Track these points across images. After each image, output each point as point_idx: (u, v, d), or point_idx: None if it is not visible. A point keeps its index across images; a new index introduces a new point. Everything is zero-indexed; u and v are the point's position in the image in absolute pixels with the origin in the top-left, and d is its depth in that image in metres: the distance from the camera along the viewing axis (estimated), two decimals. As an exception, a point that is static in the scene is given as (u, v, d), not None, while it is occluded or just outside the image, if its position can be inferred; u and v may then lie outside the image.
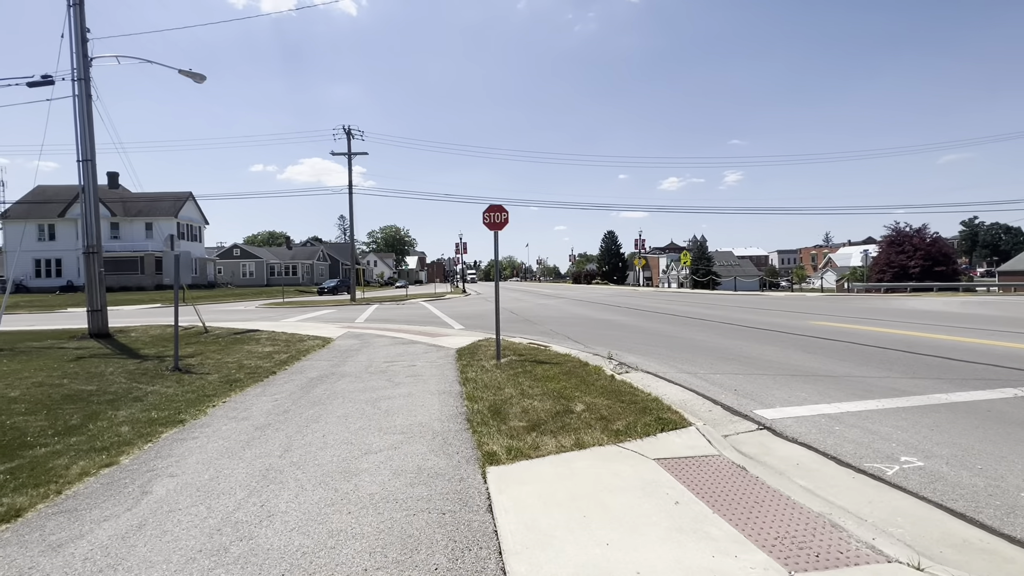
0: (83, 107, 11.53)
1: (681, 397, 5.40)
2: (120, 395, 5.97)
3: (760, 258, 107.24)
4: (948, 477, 3.25)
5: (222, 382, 6.64)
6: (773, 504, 2.90)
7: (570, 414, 4.63)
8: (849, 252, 79.38)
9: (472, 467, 3.50)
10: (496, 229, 7.71)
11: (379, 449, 3.89)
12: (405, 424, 4.54)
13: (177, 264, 7.83)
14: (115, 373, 7.34)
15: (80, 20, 11.62)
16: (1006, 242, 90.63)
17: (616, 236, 78.50)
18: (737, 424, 4.53)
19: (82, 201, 11.60)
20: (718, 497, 2.99)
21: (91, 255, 11.50)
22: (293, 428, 4.52)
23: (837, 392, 5.46)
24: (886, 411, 4.72)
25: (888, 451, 3.72)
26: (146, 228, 44.45)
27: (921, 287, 32.55)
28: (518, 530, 2.65)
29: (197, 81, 13.76)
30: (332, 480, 3.32)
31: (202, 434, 4.44)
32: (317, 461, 3.68)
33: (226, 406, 5.46)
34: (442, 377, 6.61)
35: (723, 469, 3.42)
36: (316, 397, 5.71)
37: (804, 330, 10.87)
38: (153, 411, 5.22)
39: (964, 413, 4.57)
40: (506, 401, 5.14)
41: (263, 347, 9.77)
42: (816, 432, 4.21)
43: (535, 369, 6.73)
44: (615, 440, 3.96)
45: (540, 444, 3.87)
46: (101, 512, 2.96)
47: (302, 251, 73.18)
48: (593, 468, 3.44)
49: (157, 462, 3.78)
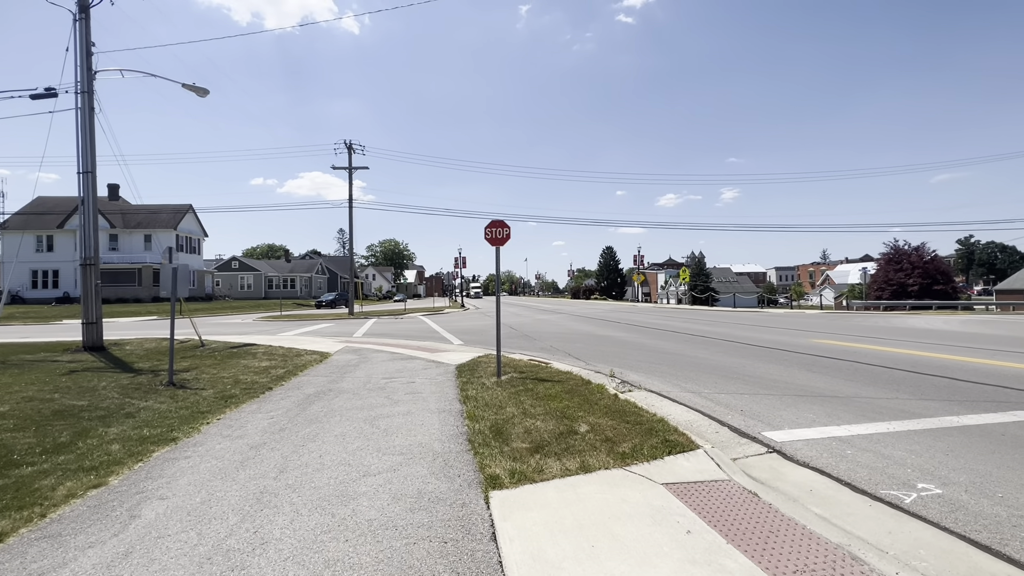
0: (85, 120, 11.55)
1: (687, 418, 5.28)
2: (112, 411, 5.83)
3: (758, 275, 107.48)
4: (969, 506, 3.13)
5: (217, 398, 6.50)
6: (789, 534, 2.78)
7: (574, 435, 4.51)
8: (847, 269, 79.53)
9: (474, 491, 3.37)
10: (498, 245, 7.65)
11: (378, 471, 3.76)
12: (404, 444, 4.41)
13: (175, 277, 7.73)
14: (108, 388, 7.20)
15: (85, 34, 11.70)
16: (1002, 260, 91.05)
17: (615, 252, 78.74)
18: (746, 447, 4.41)
19: (81, 213, 11.54)
20: (731, 526, 2.87)
21: (88, 267, 11.41)
22: (289, 448, 4.39)
23: (846, 414, 5.35)
24: (898, 434, 4.61)
25: (904, 477, 3.61)
26: (145, 240, 44.38)
27: (920, 305, 32.54)
28: (524, 561, 2.52)
29: (200, 95, 13.83)
30: (329, 504, 3.19)
31: (195, 453, 4.30)
32: (313, 483, 3.55)
33: (220, 423, 5.32)
34: (442, 395, 6.48)
35: (734, 495, 3.30)
36: (313, 415, 5.57)
37: (807, 348, 10.77)
38: (145, 428, 5.08)
39: (978, 437, 4.46)
40: (508, 421, 5.02)
41: (260, 362, 9.63)
42: (828, 456, 4.09)
43: (536, 387, 6.61)
44: (621, 463, 3.84)
45: (544, 467, 3.75)
46: (87, 538, 2.82)
47: (301, 264, 73.08)
48: (600, 493, 3.32)
49: (147, 483, 3.64)
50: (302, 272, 68.00)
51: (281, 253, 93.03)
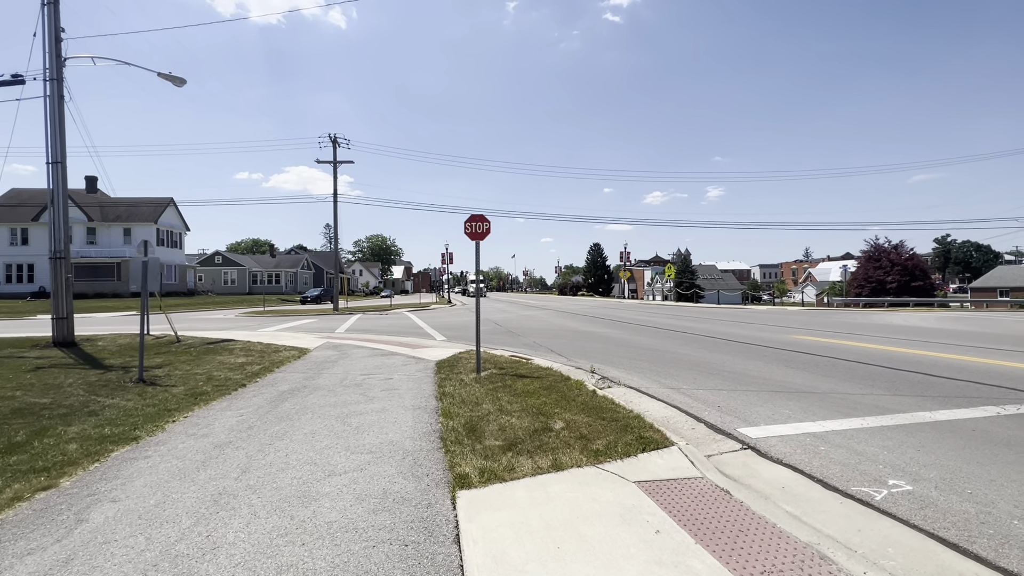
0: (54, 108, 11.16)
1: (664, 414, 5.24)
2: (75, 409, 5.63)
3: (742, 272, 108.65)
4: (938, 503, 3.12)
5: (187, 395, 6.32)
6: (758, 533, 2.73)
7: (549, 432, 4.44)
8: (828, 267, 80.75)
9: (442, 491, 3.28)
10: (478, 239, 7.54)
11: (344, 471, 3.65)
12: (375, 443, 4.30)
13: (145, 271, 7.50)
14: (74, 385, 6.96)
15: (55, 19, 11.29)
16: (977, 259, 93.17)
17: (602, 248, 79.01)
18: (721, 443, 4.37)
19: (50, 204, 11.17)
20: (701, 525, 2.82)
21: (58, 260, 11.06)
22: (255, 447, 4.25)
23: (821, 409, 5.35)
24: (871, 430, 4.61)
25: (876, 473, 3.60)
26: (124, 234, 43.37)
27: (898, 302, 33.12)
28: (486, 564, 2.44)
29: (177, 85, 13.46)
30: (289, 506, 3.07)
31: (155, 453, 4.14)
32: (276, 484, 3.42)
33: (187, 421, 5.15)
34: (419, 391, 6.37)
35: (706, 493, 3.25)
36: (284, 412, 5.43)
37: (787, 344, 10.85)
38: (107, 427, 4.90)
39: (949, 432, 4.48)
40: (483, 418, 4.93)
41: (236, 358, 9.41)
42: (801, 452, 4.07)
43: (515, 383, 6.53)
44: (594, 461, 3.77)
45: (516, 465, 3.67)
46: (27, 544, 2.67)
47: (286, 259, 72.10)
48: (570, 492, 3.25)
49: (101, 484, 3.49)
50: (287, 267, 67.10)
51: (266, 248, 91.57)
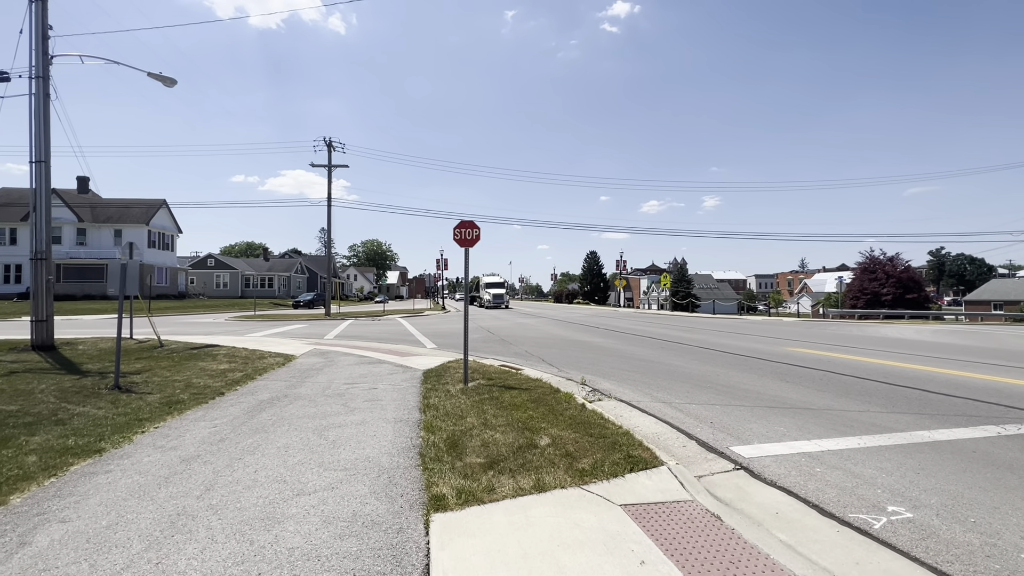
0: (40, 106, 10.96)
1: (654, 430, 5.06)
2: (43, 417, 5.39)
3: (738, 282, 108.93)
4: (940, 533, 2.95)
5: (162, 403, 6.09)
6: (751, 565, 2.55)
7: (533, 449, 4.25)
8: (824, 278, 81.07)
9: (415, 514, 3.08)
10: (467, 246, 7.37)
11: (314, 490, 3.44)
12: (351, 459, 4.09)
13: (124, 274, 7.29)
14: (46, 391, 6.72)
15: (42, 16, 11.12)
16: (971, 272, 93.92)
17: (598, 256, 79.04)
18: (712, 463, 4.20)
19: (32, 204, 10.93)
20: (689, 555, 2.64)
21: (39, 261, 10.80)
22: (223, 461, 4.04)
23: (816, 427, 5.19)
24: (868, 450, 4.45)
25: (874, 499, 3.42)
26: (115, 235, 42.93)
27: (893, 315, 33.13)
28: (455, 600, 2.24)
29: (167, 85, 13.29)
30: (250, 529, 2.87)
31: (118, 467, 3.92)
32: (240, 503, 3.22)
33: (157, 432, 4.93)
34: (402, 402, 6.16)
35: (696, 518, 3.07)
36: (260, 423, 5.21)
37: (782, 357, 10.70)
38: (72, 437, 4.67)
39: (949, 454, 4.32)
40: (466, 432, 4.74)
41: (219, 364, 9.17)
42: (796, 474, 3.90)
43: (503, 395, 6.34)
44: (579, 481, 3.58)
45: (496, 486, 3.48)
46: (-42, 571, 2.46)
47: (280, 263, 71.64)
48: (552, 516, 3.06)
49: (53, 502, 3.27)
50: (281, 271, 66.67)
51: (260, 251, 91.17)
